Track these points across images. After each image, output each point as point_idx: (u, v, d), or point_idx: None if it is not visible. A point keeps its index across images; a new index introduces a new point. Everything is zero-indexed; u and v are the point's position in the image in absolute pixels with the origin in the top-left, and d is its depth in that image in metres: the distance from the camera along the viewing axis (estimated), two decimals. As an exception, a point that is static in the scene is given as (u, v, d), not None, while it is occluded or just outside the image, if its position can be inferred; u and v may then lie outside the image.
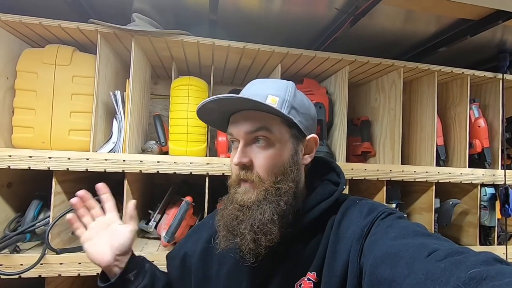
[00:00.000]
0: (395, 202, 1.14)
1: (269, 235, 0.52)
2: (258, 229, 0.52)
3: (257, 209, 0.53)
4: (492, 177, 1.14)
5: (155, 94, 1.35)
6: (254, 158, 0.55)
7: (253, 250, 0.52)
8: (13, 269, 0.79)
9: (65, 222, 0.89)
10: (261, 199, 0.54)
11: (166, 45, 0.97)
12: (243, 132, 0.55)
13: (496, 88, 1.21)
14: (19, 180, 0.97)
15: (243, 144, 0.55)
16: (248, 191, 0.55)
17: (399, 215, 0.53)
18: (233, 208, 0.55)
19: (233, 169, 0.58)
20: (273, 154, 0.55)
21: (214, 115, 0.60)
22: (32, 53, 0.90)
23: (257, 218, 0.52)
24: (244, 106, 0.56)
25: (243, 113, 0.57)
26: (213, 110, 0.58)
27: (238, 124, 0.56)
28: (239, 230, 0.53)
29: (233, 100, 0.54)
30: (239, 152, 0.55)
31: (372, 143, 1.24)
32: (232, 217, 0.55)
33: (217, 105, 0.55)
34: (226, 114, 0.59)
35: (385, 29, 1.04)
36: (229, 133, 0.59)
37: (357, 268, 0.49)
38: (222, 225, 0.56)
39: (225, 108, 0.58)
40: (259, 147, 0.56)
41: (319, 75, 1.22)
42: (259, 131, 0.55)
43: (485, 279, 0.30)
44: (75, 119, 0.90)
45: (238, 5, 0.91)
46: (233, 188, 0.57)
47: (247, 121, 0.56)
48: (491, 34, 1.03)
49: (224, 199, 0.59)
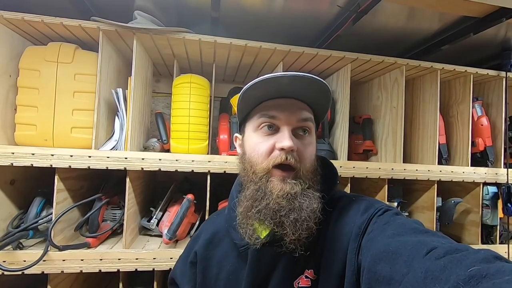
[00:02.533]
0: (397, 200, 1.14)
1: (316, 224, 0.53)
2: (311, 217, 0.52)
3: (306, 197, 0.53)
4: (495, 176, 1.13)
5: (157, 92, 1.35)
6: (299, 147, 0.55)
7: (300, 240, 0.52)
8: (16, 266, 0.80)
9: (67, 219, 0.90)
10: (305, 188, 0.54)
11: (168, 42, 0.97)
12: (296, 119, 0.56)
13: (499, 86, 1.21)
14: (22, 177, 0.97)
15: (290, 130, 0.55)
16: (288, 181, 0.53)
17: (396, 211, 0.53)
18: (274, 198, 0.53)
19: (264, 154, 0.55)
20: (312, 147, 0.57)
21: (257, 93, 0.57)
22: (34, 50, 0.91)
23: (309, 206, 0.52)
24: (303, 93, 0.56)
25: (292, 101, 0.57)
26: (265, 88, 0.55)
27: (288, 110, 0.55)
28: (289, 220, 0.51)
29: (307, 79, 0.52)
30: (289, 137, 0.53)
31: (374, 141, 1.23)
32: (276, 208, 0.52)
33: (290, 80, 0.53)
34: (264, 98, 0.58)
35: (388, 26, 1.03)
36: (269, 116, 0.56)
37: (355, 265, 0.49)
38: (262, 218, 0.53)
39: (279, 90, 0.56)
40: (303, 136, 0.57)
41: (321, 72, 1.21)
42: (307, 122, 0.57)
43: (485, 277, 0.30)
44: (77, 117, 0.90)
45: (240, 2, 0.91)
46: (260, 178, 0.54)
47: (298, 110, 0.56)
48: (494, 32, 1.02)
49: (246, 192, 0.56)
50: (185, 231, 0.98)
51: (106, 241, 0.95)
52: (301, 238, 0.52)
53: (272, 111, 0.56)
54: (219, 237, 0.65)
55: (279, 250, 0.54)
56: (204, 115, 1.00)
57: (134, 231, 0.99)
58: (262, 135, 0.57)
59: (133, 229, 0.97)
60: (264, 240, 0.54)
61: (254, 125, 0.58)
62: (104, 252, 0.86)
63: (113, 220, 0.98)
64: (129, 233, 0.91)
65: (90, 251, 0.86)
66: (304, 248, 0.53)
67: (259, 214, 0.53)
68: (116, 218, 0.98)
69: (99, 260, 0.85)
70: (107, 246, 0.91)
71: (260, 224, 0.56)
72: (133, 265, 0.87)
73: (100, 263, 0.85)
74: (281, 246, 0.53)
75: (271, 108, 0.56)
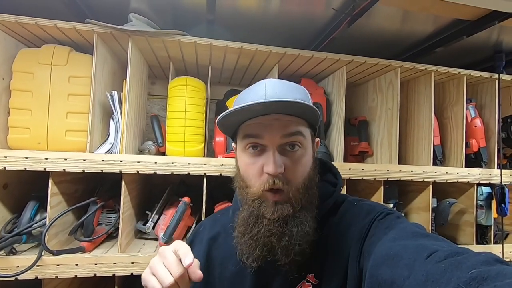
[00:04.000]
0: (393, 201, 1.14)
1: (310, 243, 0.52)
2: (302, 241, 0.51)
3: (296, 223, 0.51)
4: (489, 177, 1.15)
5: (153, 95, 1.34)
6: (287, 165, 0.51)
7: (296, 261, 0.52)
8: (9, 271, 0.78)
9: (62, 223, 0.89)
10: (297, 209, 0.52)
11: (163, 45, 0.96)
12: (280, 136, 0.51)
13: (492, 88, 1.22)
14: (15, 181, 0.96)
15: (277, 150, 0.51)
16: (280, 204, 0.52)
17: (397, 215, 0.53)
18: (266, 224, 0.52)
19: (254, 178, 0.53)
20: (305, 159, 0.53)
21: (235, 119, 0.54)
22: (28, 53, 0.90)
23: (300, 232, 0.51)
24: (285, 109, 0.51)
25: (276, 116, 0.51)
26: (241, 114, 0.52)
27: (271, 128, 0.51)
28: (280, 245, 0.51)
29: (281, 104, 0.49)
30: (274, 160, 0.50)
31: (370, 143, 1.24)
32: (266, 234, 0.52)
33: (262, 108, 0.49)
34: (246, 118, 0.54)
35: (382, 29, 1.04)
36: (252, 135, 0.52)
37: (357, 269, 0.49)
38: (253, 244, 0.53)
39: (254, 111, 0.51)
40: (292, 152, 0.52)
41: (316, 75, 1.22)
42: (295, 136, 0.52)
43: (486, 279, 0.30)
44: (72, 120, 0.89)
45: (236, 5, 0.91)
46: (255, 202, 0.53)
47: (283, 125, 0.51)
48: (487, 35, 1.04)
49: (241, 214, 0.56)
50: (181, 234, 0.97)
51: (101, 245, 0.94)
52: (295, 260, 0.52)
53: (255, 130, 0.52)
54: (223, 237, 0.65)
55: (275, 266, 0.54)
56: (200, 117, 1.00)
57: (129, 235, 0.98)
58: (250, 156, 0.54)
59: (128, 232, 0.96)
60: (256, 265, 0.54)
61: (241, 145, 0.56)
62: (99, 256, 0.85)
63: (108, 224, 0.97)
64: (125, 237, 0.90)
65: (85, 255, 0.85)
66: (298, 268, 0.53)
67: (251, 241, 0.53)
68: (111, 221, 0.97)
69: (94, 265, 0.84)
70: (102, 250, 0.90)
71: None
72: (129, 269, 0.86)
73: (95, 267, 0.84)
74: (275, 268, 0.53)
75: (253, 127, 0.53)
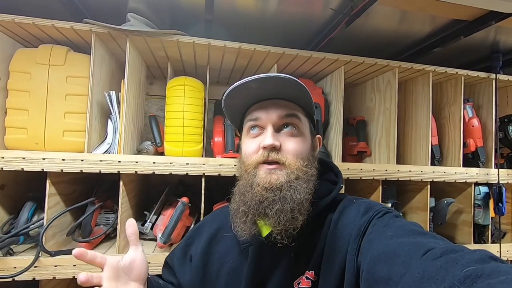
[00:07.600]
0: (391, 201, 1.15)
1: (302, 215, 0.53)
2: (295, 208, 0.52)
3: (290, 189, 0.53)
4: (486, 176, 1.15)
5: (151, 95, 1.34)
6: (283, 142, 0.56)
7: (286, 231, 0.52)
8: (7, 272, 0.78)
9: (59, 224, 0.89)
10: (292, 179, 0.54)
11: (161, 45, 0.96)
12: (276, 116, 0.57)
13: (489, 88, 1.23)
14: (13, 181, 0.95)
15: (273, 128, 0.57)
16: (274, 172, 0.54)
17: (396, 214, 0.54)
18: (259, 190, 0.54)
19: (251, 154, 0.57)
20: (300, 141, 0.58)
21: (238, 102, 0.61)
22: (25, 53, 0.89)
23: (294, 197, 0.52)
24: (281, 92, 0.58)
25: (274, 101, 0.59)
26: (240, 96, 0.59)
27: (268, 109, 0.58)
28: (273, 211, 0.52)
29: (275, 81, 0.55)
30: (270, 134, 0.55)
31: (368, 142, 1.24)
32: (259, 200, 0.53)
33: (258, 84, 0.55)
34: (248, 104, 0.61)
35: (380, 29, 1.04)
36: (252, 119, 0.59)
37: (354, 266, 0.49)
38: (246, 210, 0.55)
39: (254, 94, 0.58)
40: (287, 133, 0.57)
41: (315, 75, 1.22)
42: (291, 118, 0.58)
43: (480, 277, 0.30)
44: (70, 120, 0.89)
45: (234, 5, 0.91)
46: (249, 173, 0.56)
47: (279, 107, 0.58)
48: (484, 35, 1.04)
49: (235, 190, 0.60)
50: (179, 234, 0.97)
51: (99, 246, 0.94)
52: (288, 230, 0.52)
53: (255, 113, 0.59)
54: (222, 233, 0.66)
55: (279, 248, 0.54)
56: (198, 117, 0.99)
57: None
58: (250, 137, 0.59)
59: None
60: (248, 235, 0.55)
61: (245, 130, 0.62)
62: (97, 257, 0.85)
63: (107, 225, 0.97)
64: (123, 238, 0.90)
65: (82, 256, 0.85)
66: (292, 240, 0.54)
67: (245, 207, 0.55)
68: (110, 222, 0.97)
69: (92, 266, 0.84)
70: (101, 251, 0.90)
71: (264, 222, 0.57)
72: (127, 270, 0.86)
73: (93, 268, 0.84)
74: (268, 238, 0.55)
75: (254, 110, 0.60)
